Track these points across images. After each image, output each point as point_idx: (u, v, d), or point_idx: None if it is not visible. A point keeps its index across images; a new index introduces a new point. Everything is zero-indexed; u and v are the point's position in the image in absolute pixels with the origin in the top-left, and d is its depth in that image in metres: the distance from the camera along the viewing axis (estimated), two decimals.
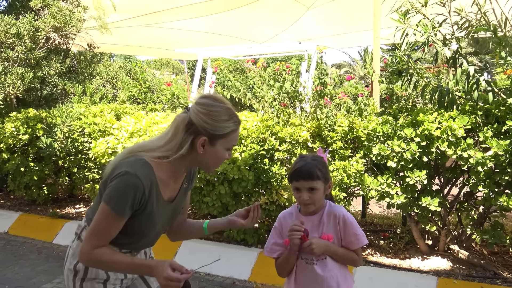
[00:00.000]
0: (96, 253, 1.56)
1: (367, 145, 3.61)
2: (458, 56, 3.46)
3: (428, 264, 3.69)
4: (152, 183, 1.58)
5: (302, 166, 1.84)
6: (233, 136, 1.65)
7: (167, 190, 1.68)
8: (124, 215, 1.55)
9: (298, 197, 1.86)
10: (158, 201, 1.64)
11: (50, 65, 5.93)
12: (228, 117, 1.62)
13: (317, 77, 4.14)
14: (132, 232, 1.64)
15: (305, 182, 1.82)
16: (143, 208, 1.59)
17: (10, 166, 5.25)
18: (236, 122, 1.65)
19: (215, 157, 1.65)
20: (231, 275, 3.79)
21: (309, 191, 1.82)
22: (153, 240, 1.82)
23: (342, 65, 37.12)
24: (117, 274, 1.73)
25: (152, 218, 1.64)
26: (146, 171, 1.57)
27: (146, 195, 1.57)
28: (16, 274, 3.95)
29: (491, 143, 3.00)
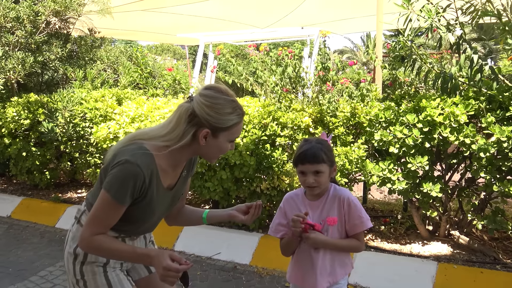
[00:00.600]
0: (95, 240, 1.57)
1: (369, 131, 3.60)
2: (462, 42, 3.43)
3: (428, 250, 3.71)
4: (152, 172, 1.58)
5: (307, 149, 1.83)
6: (236, 128, 1.65)
7: (167, 178, 1.69)
8: (124, 203, 1.56)
9: (303, 181, 1.85)
10: (158, 189, 1.65)
11: (51, 50, 5.90)
12: (231, 110, 1.60)
13: (319, 62, 4.11)
14: (132, 219, 1.65)
15: (311, 165, 1.81)
16: (143, 196, 1.59)
17: (12, 151, 5.26)
18: (240, 115, 1.64)
19: (218, 149, 1.65)
20: (233, 259, 3.82)
21: (314, 174, 1.82)
22: (152, 226, 1.83)
23: (345, 51, 36.88)
24: None
25: (152, 206, 1.65)
26: (147, 160, 1.57)
27: (147, 184, 1.57)
28: (19, 257, 3.98)
29: (494, 129, 2.99)
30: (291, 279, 2.01)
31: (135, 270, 1.90)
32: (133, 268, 1.90)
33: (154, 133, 1.63)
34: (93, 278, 1.69)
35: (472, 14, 3.41)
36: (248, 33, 9.57)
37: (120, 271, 1.77)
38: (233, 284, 3.42)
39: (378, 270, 3.43)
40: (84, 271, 1.69)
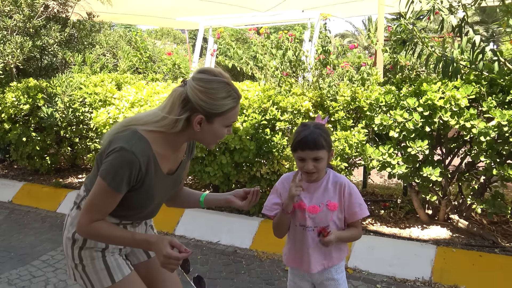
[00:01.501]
0: (94, 226, 1.57)
1: (369, 115, 3.58)
2: (464, 25, 3.38)
3: (427, 233, 3.72)
4: (149, 158, 1.56)
5: (307, 135, 1.78)
6: (232, 113, 1.60)
7: (166, 163, 1.67)
8: (120, 191, 1.54)
9: (301, 167, 1.81)
10: (157, 175, 1.63)
11: (49, 34, 5.85)
12: (226, 94, 1.55)
13: (320, 45, 4.07)
14: (131, 205, 1.65)
15: (311, 152, 1.77)
16: (141, 183, 1.58)
17: (12, 136, 5.26)
18: (235, 99, 1.59)
19: (213, 135, 1.62)
20: (233, 243, 3.84)
21: (313, 160, 1.78)
22: (153, 212, 1.83)
23: (346, 35, 36.58)
24: None
25: (150, 192, 1.64)
26: (142, 147, 1.54)
27: (143, 171, 1.55)
28: (21, 242, 4.01)
29: (495, 113, 2.97)
30: (288, 262, 2.02)
31: (134, 254, 1.90)
32: (132, 252, 1.89)
33: (148, 119, 1.60)
34: (91, 263, 1.69)
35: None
36: (248, 17, 9.48)
37: (119, 256, 1.77)
38: (233, 268, 3.44)
39: (378, 254, 3.45)
40: (82, 256, 1.69)
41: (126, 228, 1.75)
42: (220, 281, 3.24)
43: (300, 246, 1.90)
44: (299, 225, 1.89)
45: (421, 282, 3.14)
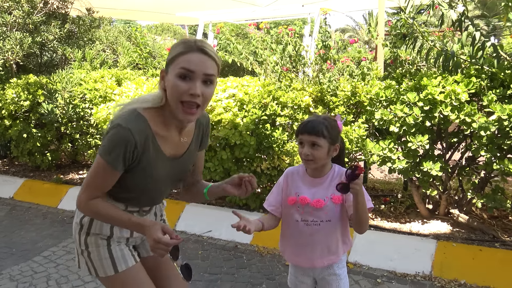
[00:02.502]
0: (92, 204, 1.60)
1: (370, 110, 3.58)
2: (464, 19, 3.37)
3: (428, 228, 3.73)
4: (147, 137, 1.57)
5: (309, 121, 1.83)
6: (181, 58, 1.50)
7: (169, 145, 1.66)
8: (117, 168, 1.56)
9: (300, 152, 1.84)
10: (158, 156, 1.63)
11: (49, 30, 5.84)
12: (180, 43, 1.55)
13: (320, 40, 4.06)
14: (131, 186, 1.66)
15: (308, 136, 1.79)
16: (137, 161, 1.58)
17: (12, 133, 5.26)
18: (187, 45, 1.52)
19: (171, 89, 1.53)
20: (233, 239, 3.85)
21: (311, 146, 1.79)
22: (156, 197, 1.82)
23: (346, 30, 36.44)
24: (122, 232, 1.74)
25: (149, 172, 1.63)
26: (139, 124, 1.56)
27: (139, 149, 1.56)
28: (22, 238, 4.03)
29: (495, 108, 2.96)
30: (289, 258, 2.00)
31: (144, 246, 1.90)
32: (142, 244, 1.90)
33: (146, 97, 1.63)
34: (96, 250, 1.70)
35: None
36: (248, 12, 9.44)
37: (125, 246, 1.77)
38: (234, 263, 3.46)
39: (378, 249, 3.46)
40: (88, 242, 1.71)
41: None
42: (221, 276, 3.25)
43: (302, 242, 1.88)
44: (300, 220, 1.86)
45: (422, 276, 3.15)
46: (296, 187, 1.89)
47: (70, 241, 3.92)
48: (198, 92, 1.49)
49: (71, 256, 3.61)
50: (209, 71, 1.52)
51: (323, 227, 1.85)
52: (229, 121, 3.84)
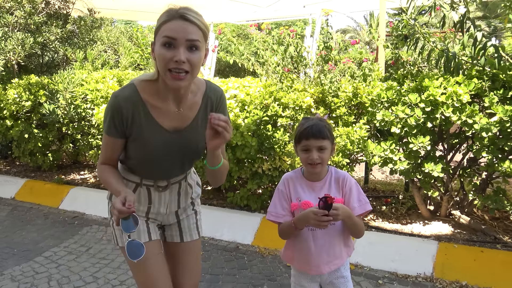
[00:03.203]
0: (100, 167, 1.75)
1: (371, 111, 3.58)
2: (465, 20, 3.38)
3: (429, 229, 3.73)
4: (135, 103, 1.63)
5: (312, 125, 1.78)
6: (164, 27, 1.53)
7: (166, 117, 1.68)
8: (110, 134, 1.67)
9: (306, 158, 1.79)
10: (152, 126, 1.67)
11: (50, 31, 5.85)
12: (164, 12, 1.56)
13: (321, 41, 4.06)
14: (133, 156, 1.75)
15: (316, 140, 1.76)
16: (130, 129, 1.66)
17: (14, 133, 5.27)
18: (169, 13, 1.53)
19: (157, 58, 1.54)
20: (235, 239, 3.85)
21: (318, 150, 1.77)
22: (167, 171, 1.81)
23: (348, 31, 36.44)
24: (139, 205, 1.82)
25: (144, 142, 1.68)
26: (127, 92, 1.64)
27: (126, 115, 1.62)
28: (24, 238, 4.03)
29: (497, 109, 2.96)
30: (296, 265, 1.95)
31: (170, 231, 1.96)
32: (169, 228, 1.96)
33: (146, 73, 1.73)
34: (112, 224, 1.78)
35: None
36: (250, 12, 9.45)
37: (144, 221, 1.83)
38: (235, 264, 3.46)
39: (379, 250, 3.46)
40: (110, 211, 1.80)
41: (150, 191, 1.82)
42: (222, 277, 3.25)
43: (307, 248, 1.84)
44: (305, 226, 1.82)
45: (423, 277, 3.15)
46: (296, 193, 1.86)
47: (71, 242, 3.92)
48: (182, 58, 1.49)
49: (73, 256, 3.62)
50: (192, 37, 1.51)
51: (327, 231, 1.83)
52: (230, 122, 3.84)
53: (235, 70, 11.18)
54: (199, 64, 1.57)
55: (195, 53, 1.53)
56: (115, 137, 1.67)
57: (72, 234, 4.10)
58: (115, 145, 1.70)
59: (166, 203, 1.87)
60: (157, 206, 1.86)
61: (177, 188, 1.89)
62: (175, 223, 1.95)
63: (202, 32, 1.55)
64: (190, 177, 1.98)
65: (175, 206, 1.91)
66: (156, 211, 1.86)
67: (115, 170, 1.76)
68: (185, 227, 1.96)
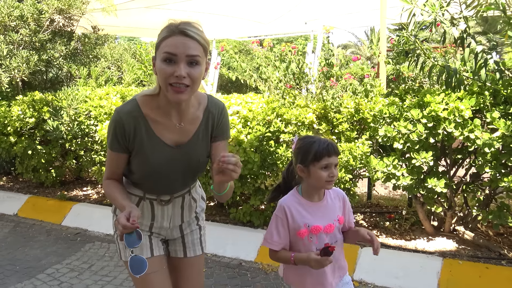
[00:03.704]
0: (105, 182, 1.77)
1: (373, 126, 3.59)
2: (466, 36, 3.40)
3: (433, 245, 3.70)
4: (136, 118, 1.65)
5: (328, 142, 1.80)
6: (164, 43, 1.54)
7: (168, 132, 1.70)
8: (114, 149, 1.70)
9: (326, 175, 1.76)
10: (153, 141, 1.68)
11: (55, 48, 5.92)
12: (165, 27, 1.57)
13: (323, 58, 4.10)
14: (135, 171, 1.76)
15: (335, 157, 1.80)
16: (132, 144, 1.68)
17: (17, 149, 5.29)
18: (170, 29, 1.55)
19: (158, 73, 1.56)
20: (238, 256, 3.83)
21: (335, 167, 1.80)
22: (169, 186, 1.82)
23: (348, 46, 36.71)
24: (143, 219, 1.83)
25: (145, 156, 1.70)
26: (128, 107, 1.67)
27: (128, 130, 1.65)
28: (26, 255, 4.02)
29: (499, 124, 2.97)
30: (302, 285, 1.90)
31: (174, 246, 1.96)
32: (173, 242, 1.95)
33: (145, 89, 1.76)
34: (117, 239, 1.80)
35: (476, 8, 3.39)
36: (251, 29, 9.55)
37: (148, 236, 1.84)
38: (239, 281, 3.43)
39: (383, 266, 3.43)
40: (115, 225, 1.78)
41: (153, 205, 1.83)
42: None
43: (321, 271, 1.82)
44: (315, 249, 1.79)
45: None
46: (302, 218, 1.81)
47: (73, 259, 3.91)
48: (182, 73, 1.51)
49: (75, 274, 3.60)
50: (192, 52, 1.53)
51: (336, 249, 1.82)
52: (233, 138, 3.86)
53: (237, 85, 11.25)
54: (199, 78, 1.58)
55: (195, 68, 1.55)
56: (118, 152, 1.70)
57: (74, 251, 4.08)
58: (118, 160, 1.73)
59: (169, 217, 1.88)
60: (160, 220, 1.87)
61: (181, 202, 1.89)
62: (179, 237, 1.95)
63: (202, 47, 1.57)
64: (195, 190, 1.98)
65: (179, 220, 1.92)
66: (159, 225, 1.87)
67: (120, 185, 1.77)
68: (188, 242, 1.96)
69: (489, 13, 3.76)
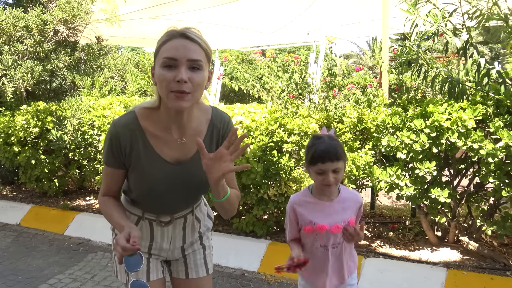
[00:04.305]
0: (101, 199, 1.67)
1: (376, 136, 3.59)
2: (468, 46, 3.41)
3: (437, 256, 3.68)
4: (133, 132, 1.55)
5: (327, 147, 1.76)
6: (163, 48, 1.44)
7: (168, 148, 1.59)
8: (109, 165, 1.60)
9: (321, 180, 1.78)
10: (151, 157, 1.57)
11: (59, 58, 5.96)
12: (164, 33, 1.48)
13: (326, 68, 4.11)
14: (133, 189, 1.67)
15: (332, 163, 1.75)
16: (129, 161, 1.58)
17: (21, 159, 5.31)
18: (169, 33, 1.46)
19: (158, 81, 1.45)
20: (240, 266, 3.81)
21: (333, 172, 1.76)
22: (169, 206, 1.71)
23: (351, 55, 36.85)
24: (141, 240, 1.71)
25: (143, 173, 1.59)
26: (125, 119, 1.57)
27: (125, 145, 1.55)
28: (29, 265, 4.01)
29: (502, 134, 2.97)
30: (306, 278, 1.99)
31: (176, 267, 1.86)
32: (175, 263, 1.86)
33: (145, 101, 1.64)
34: (116, 256, 1.61)
35: (478, 18, 3.40)
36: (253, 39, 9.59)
37: (146, 258, 1.74)
38: None
39: (387, 277, 3.41)
40: (113, 246, 1.66)
41: (152, 225, 1.73)
42: None
43: (320, 266, 1.90)
44: (319, 246, 1.87)
45: None
46: (309, 215, 1.86)
47: (76, 269, 3.89)
48: (184, 77, 1.39)
49: (77, 284, 3.59)
50: (194, 56, 1.42)
51: (340, 249, 1.89)
52: None
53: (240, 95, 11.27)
54: (202, 84, 1.46)
55: (197, 73, 1.43)
56: (114, 167, 1.60)
57: (77, 261, 4.08)
58: (114, 176, 1.62)
59: (169, 238, 1.77)
60: (160, 241, 1.76)
61: (182, 223, 1.78)
62: (181, 258, 1.85)
63: (204, 52, 1.47)
64: (199, 210, 1.87)
65: (180, 241, 1.81)
66: (159, 246, 1.77)
67: (117, 203, 1.66)
68: (190, 263, 1.86)
69: (491, 23, 3.77)
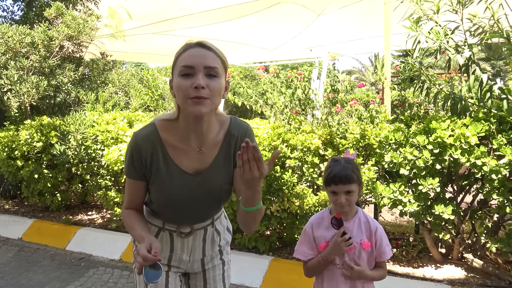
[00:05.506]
0: (124, 212, 1.68)
1: (379, 152, 3.59)
2: (470, 63, 3.44)
3: (441, 273, 3.64)
4: (153, 144, 1.58)
5: (340, 170, 1.88)
6: (181, 57, 1.49)
7: (187, 159, 1.61)
8: (130, 176, 1.62)
9: (334, 200, 1.90)
10: (170, 168, 1.60)
11: (64, 73, 6.01)
12: (181, 46, 1.53)
13: (329, 84, 4.14)
14: (154, 200, 1.69)
15: (343, 185, 1.86)
16: (150, 172, 1.60)
17: (24, 173, 5.32)
18: (186, 45, 1.51)
19: (176, 90, 1.48)
20: (243, 282, 3.78)
21: (346, 194, 1.87)
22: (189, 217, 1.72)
23: (353, 72, 37.04)
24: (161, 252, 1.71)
25: (162, 183, 1.61)
26: (146, 131, 1.60)
27: (146, 156, 1.58)
28: (30, 280, 3.98)
29: (505, 151, 2.97)
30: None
31: (195, 280, 1.87)
32: (194, 277, 1.86)
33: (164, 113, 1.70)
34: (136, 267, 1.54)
35: (480, 35, 3.43)
36: (256, 55, 9.67)
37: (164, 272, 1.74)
38: None
39: None
40: (134, 255, 1.65)
41: (172, 236, 1.74)
42: None
43: (331, 284, 1.93)
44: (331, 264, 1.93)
45: None
46: (324, 234, 1.94)
47: (77, 284, 3.87)
48: (201, 83, 1.41)
49: None
50: (211, 63, 1.46)
51: None
52: None
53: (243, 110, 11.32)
54: (219, 91, 1.49)
55: (214, 80, 1.46)
56: (136, 179, 1.62)
57: (78, 276, 4.05)
58: (136, 188, 1.64)
59: (189, 250, 1.78)
60: (180, 252, 1.77)
61: (203, 234, 1.78)
62: (200, 272, 1.85)
63: (220, 59, 1.50)
64: (219, 222, 1.86)
65: (200, 254, 1.80)
66: (179, 258, 1.77)
67: (139, 215, 1.68)
68: (209, 278, 1.85)
69: (493, 40, 3.80)
